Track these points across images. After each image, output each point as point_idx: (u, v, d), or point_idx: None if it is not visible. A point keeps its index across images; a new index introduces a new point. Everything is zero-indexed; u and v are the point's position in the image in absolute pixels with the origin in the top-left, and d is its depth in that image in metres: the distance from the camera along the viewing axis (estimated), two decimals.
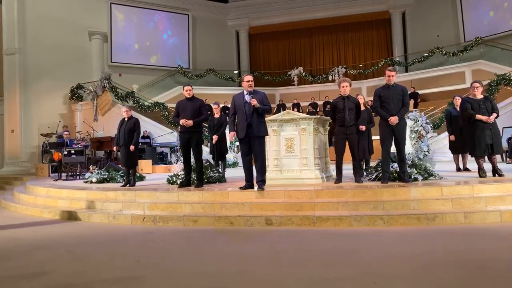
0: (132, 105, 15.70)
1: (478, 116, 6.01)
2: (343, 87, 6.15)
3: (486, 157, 6.23)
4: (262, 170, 5.79)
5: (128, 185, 7.32)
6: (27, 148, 15.59)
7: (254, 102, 5.63)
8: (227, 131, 8.46)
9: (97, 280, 3.16)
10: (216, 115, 8.05)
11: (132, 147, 7.26)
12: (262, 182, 5.76)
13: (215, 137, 7.76)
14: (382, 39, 20.73)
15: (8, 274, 3.42)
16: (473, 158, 6.38)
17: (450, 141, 7.79)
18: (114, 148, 7.75)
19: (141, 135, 13.91)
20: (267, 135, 6.03)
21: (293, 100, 18.14)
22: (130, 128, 7.29)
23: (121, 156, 7.42)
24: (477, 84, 6.29)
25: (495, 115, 6.06)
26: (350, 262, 3.41)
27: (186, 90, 6.58)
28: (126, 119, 7.40)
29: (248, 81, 5.82)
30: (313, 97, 18.15)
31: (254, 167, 5.90)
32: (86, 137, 13.54)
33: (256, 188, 5.77)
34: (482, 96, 6.27)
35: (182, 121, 6.38)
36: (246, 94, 5.82)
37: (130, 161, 7.38)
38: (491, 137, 6.00)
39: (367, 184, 5.96)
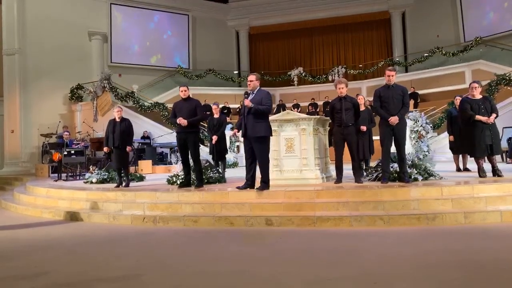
0: (132, 105, 15.71)
1: (478, 117, 5.99)
2: (339, 88, 6.17)
3: (485, 157, 6.22)
4: (262, 172, 5.70)
5: (121, 185, 7.32)
6: (27, 149, 15.57)
7: (246, 102, 5.61)
8: (227, 131, 8.49)
9: (97, 280, 3.16)
10: (216, 115, 8.05)
11: (129, 148, 7.31)
12: (263, 183, 5.69)
13: (214, 137, 7.75)
14: (382, 39, 20.72)
15: (8, 274, 3.42)
16: (473, 158, 6.37)
17: (450, 141, 7.79)
18: (105, 149, 7.68)
19: (141, 136, 13.98)
20: (267, 135, 5.67)
21: (293, 100, 18.13)
22: (124, 129, 7.29)
23: (114, 157, 7.40)
24: (476, 85, 6.27)
25: (494, 115, 6.05)
26: (350, 262, 3.42)
27: (182, 91, 6.57)
28: (118, 120, 7.35)
29: (248, 81, 5.83)
30: (313, 98, 18.14)
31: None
32: (86, 138, 13.55)
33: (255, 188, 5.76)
34: (481, 96, 6.26)
35: (178, 120, 6.38)
36: (248, 93, 5.84)
37: (123, 162, 7.38)
38: (490, 137, 5.99)
39: (367, 184, 5.96)
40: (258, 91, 5.77)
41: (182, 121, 6.33)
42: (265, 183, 5.71)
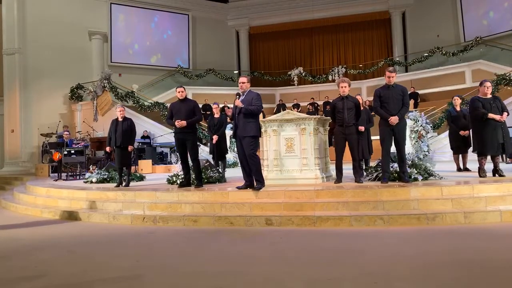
0: (132, 105, 15.71)
1: (491, 115, 5.96)
2: (342, 87, 6.16)
3: (489, 157, 6.21)
4: (254, 171, 5.74)
5: (121, 185, 7.32)
6: (27, 148, 15.59)
7: (237, 102, 5.70)
8: (227, 131, 8.51)
9: (97, 280, 3.16)
10: (216, 115, 8.07)
11: (130, 147, 7.32)
12: (257, 182, 5.74)
13: (215, 137, 7.77)
14: (382, 39, 20.73)
15: (8, 274, 3.42)
16: (473, 158, 6.34)
17: (451, 141, 7.80)
18: (108, 149, 7.72)
19: (141, 135, 13.99)
20: (257, 135, 5.79)
21: (293, 100, 18.14)
22: (126, 128, 7.31)
23: (117, 156, 7.41)
24: (489, 84, 6.25)
25: (506, 114, 6.05)
26: (350, 262, 3.41)
27: (179, 92, 6.59)
28: (120, 120, 7.38)
29: (240, 82, 5.89)
30: (312, 97, 18.17)
31: None
32: (86, 137, 13.55)
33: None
34: (490, 96, 6.26)
35: (177, 122, 6.39)
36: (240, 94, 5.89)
37: (126, 161, 7.40)
38: (502, 136, 5.98)
39: (367, 184, 5.96)
40: (249, 92, 5.84)
41: (181, 123, 6.34)
42: (260, 182, 5.75)
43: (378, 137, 6.04)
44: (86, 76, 16.87)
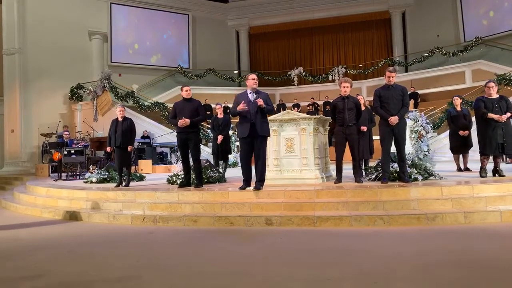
0: (132, 105, 15.71)
1: (490, 115, 5.99)
2: (343, 87, 6.14)
3: (491, 157, 6.21)
4: (262, 170, 5.74)
5: (121, 185, 7.33)
6: (27, 148, 15.59)
7: (261, 102, 5.56)
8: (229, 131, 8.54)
9: (97, 280, 3.16)
10: (220, 115, 8.10)
11: (130, 148, 7.33)
12: (259, 182, 5.72)
13: (220, 137, 7.81)
14: (382, 39, 20.74)
15: (8, 274, 3.42)
16: (473, 159, 6.35)
17: (451, 141, 7.81)
18: (108, 149, 7.73)
19: (141, 135, 13.99)
20: (270, 135, 5.93)
21: (293, 100, 18.14)
22: (126, 128, 7.32)
23: (117, 156, 7.42)
24: (492, 84, 6.28)
25: (508, 114, 6.05)
26: (350, 262, 3.41)
27: (186, 91, 6.58)
28: (120, 120, 7.39)
29: (254, 79, 5.80)
30: (313, 97, 18.17)
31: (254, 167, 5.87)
32: (86, 137, 13.55)
33: (252, 187, 5.72)
34: (497, 96, 6.27)
35: (181, 121, 6.38)
36: (250, 93, 5.75)
37: (126, 161, 7.41)
38: (502, 136, 5.99)
39: (367, 184, 5.96)
40: (258, 91, 5.80)
41: (185, 121, 6.34)
42: (262, 182, 5.75)
43: (378, 137, 6.05)
44: (86, 76, 16.87)
